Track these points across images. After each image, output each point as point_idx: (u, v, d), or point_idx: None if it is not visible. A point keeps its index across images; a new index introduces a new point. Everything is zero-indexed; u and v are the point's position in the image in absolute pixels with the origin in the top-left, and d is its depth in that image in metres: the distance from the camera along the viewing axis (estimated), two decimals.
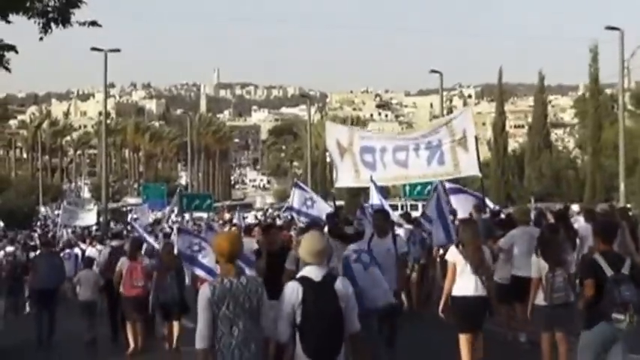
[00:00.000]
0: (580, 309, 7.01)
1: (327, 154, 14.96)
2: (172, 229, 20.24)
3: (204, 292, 5.43)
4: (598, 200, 36.15)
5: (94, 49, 39.39)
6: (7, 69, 12.94)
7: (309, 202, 16.37)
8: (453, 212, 13.31)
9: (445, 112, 47.62)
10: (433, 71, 42.93)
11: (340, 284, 5.70)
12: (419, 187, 21.54)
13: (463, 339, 8.62)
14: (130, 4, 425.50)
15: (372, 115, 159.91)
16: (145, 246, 14.58)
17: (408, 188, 23.00)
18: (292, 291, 5.58)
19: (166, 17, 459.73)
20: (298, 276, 5.81)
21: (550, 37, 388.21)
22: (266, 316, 5.56)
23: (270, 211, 65.39)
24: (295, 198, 16.52)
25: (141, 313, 12.37)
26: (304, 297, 5.51)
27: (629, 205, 26.60)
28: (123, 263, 12.76)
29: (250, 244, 13.64)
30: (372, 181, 13.55)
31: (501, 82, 54.94)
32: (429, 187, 20.35)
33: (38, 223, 60.35)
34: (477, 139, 13.15)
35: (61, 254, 19.59)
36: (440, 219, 12.61)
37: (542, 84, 54.11)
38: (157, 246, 14.74)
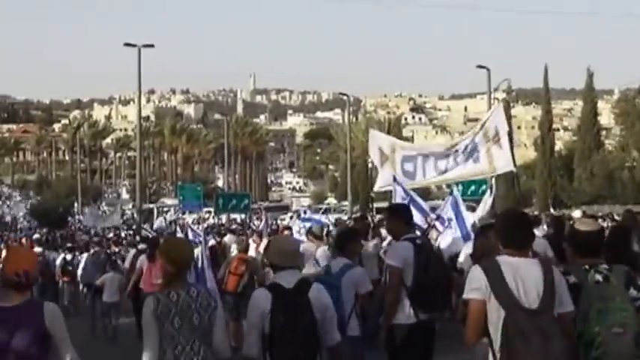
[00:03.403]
0: None
1: (370, 159, 14.92)
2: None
3: (148, 305, 4.76)
4: None
5: (127, 44, 39.67)
6: None
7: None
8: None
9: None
10: (480, 67, 41.48)
11: (316, 292, 5.10)
12: (472, 187, 20.02)
13: None
14: (167, 12, 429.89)
15: (405, 118, 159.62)
16: None
17: (460, 188, 21.30)
18: (260, 299, 5.00)
19: (204, 25, 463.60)
20: (268, 283, 5.27)
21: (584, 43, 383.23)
22: (219, 335, 4.87)
23: (308, 212, 65.37)
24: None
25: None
26: (273, 306, 4.92)
27: None
28: (142, 261, 13.36)
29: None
30: (395, 182, 13.19)
31: (547, 80, 53.36)
32: (483, 187, 19.55)
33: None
34: (510, 134, 13.20)
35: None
36: (457, 219, 11.93)
37: (590, 81, 52.44)
38: None
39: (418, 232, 10.94)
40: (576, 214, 27.33)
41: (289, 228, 16.55)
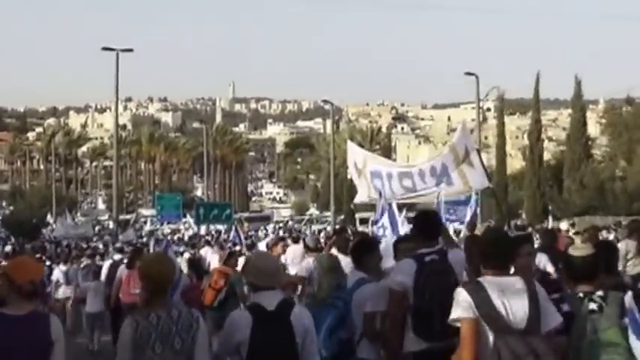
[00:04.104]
0: None
1: (348, 170, 17.01)
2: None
3: (125, 329, 4.50)
4: None
5: (105, 48, 38.60)
6: None
7: None
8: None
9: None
10: (468, 74, 40.46)
11: (298, 314, 4.86)
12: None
13: None
14: (146, 19, 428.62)
15: (388, 127, 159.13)
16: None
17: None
18: (240, 321, 4.77)
19: (182, 32, 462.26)
20: (249, 303, 4.99)
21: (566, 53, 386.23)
22: (201, 358, 4.60)
23: (290, 223, 64.01)
24: None
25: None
26: (254, 329, 4.68)
27: None
28: (122, 272, 13.29)
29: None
30: (379, 195, 13.46)
31: (538, 88, 51.58)
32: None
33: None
34: (479, 151, 13.37)
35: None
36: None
37: (579, 89, 50.48)
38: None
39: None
40: (563, 226, 26.29)
41: (283, 239, 15.48)
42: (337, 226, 35.74)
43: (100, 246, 36.12)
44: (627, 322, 4.48)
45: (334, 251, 10.75)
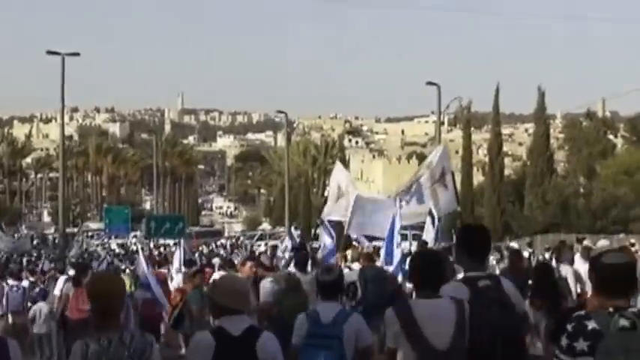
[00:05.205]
0: None
1: (327, 189, 17.72)
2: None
3: (75, 354, 4.38)
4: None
5: (50, 52, 37.06)
6: None
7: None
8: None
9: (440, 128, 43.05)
10: (430, 83, 39.31)
11: (264, 341, 4.68)
12: None
13: None
14: (93, 29, 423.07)
15: (342, 141, 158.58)
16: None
17: None
18: (202, 345, 4.62)
19: (130, 42, 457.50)
20: (214, 327, 4.85)
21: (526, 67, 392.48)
22: None
23: (241, 238, 62.33)
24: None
25: (87, 335, 11.23)
26: (215, 355, 4.53)
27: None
28: (69, 288, 13.10)
29: None
30: (322, 222, 14.00)
31: (498, 101, 49.81)
32: None
33: None
34: (453, 173, 13.39)
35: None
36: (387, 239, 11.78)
37: (542, 101, 48.30)
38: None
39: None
40: (514, 245, 25.45)
41: (252, 258, 14.21)
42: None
43: (40, 262, 34.24)
44: None
45: (292, 269, 10.82)
